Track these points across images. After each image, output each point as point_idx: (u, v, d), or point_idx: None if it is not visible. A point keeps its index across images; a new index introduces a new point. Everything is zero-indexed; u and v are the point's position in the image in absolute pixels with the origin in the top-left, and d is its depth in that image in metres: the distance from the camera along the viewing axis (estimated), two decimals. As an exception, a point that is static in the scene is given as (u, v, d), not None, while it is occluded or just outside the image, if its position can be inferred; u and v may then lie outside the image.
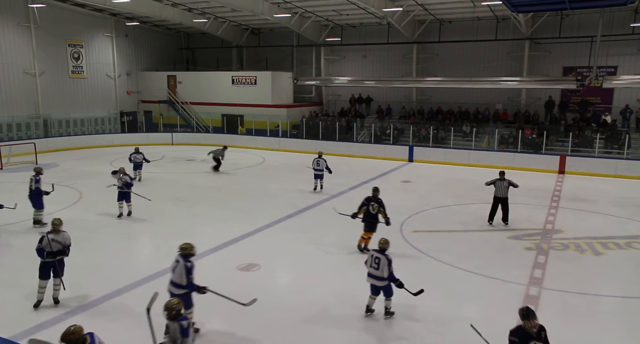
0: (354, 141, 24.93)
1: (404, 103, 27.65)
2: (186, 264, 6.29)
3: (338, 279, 8.67)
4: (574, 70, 22.98)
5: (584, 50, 22.11)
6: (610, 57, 21.96)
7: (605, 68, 22.09)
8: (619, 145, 20.54)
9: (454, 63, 26.01)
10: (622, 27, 21.70)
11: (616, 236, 11.04)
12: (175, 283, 6.35)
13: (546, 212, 13.40)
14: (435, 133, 23.53)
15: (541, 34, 24.03)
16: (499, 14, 23.72)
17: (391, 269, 7.00)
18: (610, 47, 21.38)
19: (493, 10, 23.04)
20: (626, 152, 19.95)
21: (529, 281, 8.53)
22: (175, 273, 6.36)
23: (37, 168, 11.78)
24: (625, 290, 8.33)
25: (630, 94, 22.78)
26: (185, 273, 6.26)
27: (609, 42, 20.96)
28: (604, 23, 19.40)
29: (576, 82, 21.40)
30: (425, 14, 24.90)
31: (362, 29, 28.46)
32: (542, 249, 10.30)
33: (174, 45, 33.33)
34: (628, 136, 20.23)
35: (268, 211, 12.98)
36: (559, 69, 24.03)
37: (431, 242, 10.66)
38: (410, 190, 16.45)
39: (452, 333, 6.80)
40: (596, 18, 19.70)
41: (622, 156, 19.92)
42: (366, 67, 28.92)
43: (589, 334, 6.86)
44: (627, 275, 9.01)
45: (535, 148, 21.29)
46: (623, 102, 22.80)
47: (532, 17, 23.40)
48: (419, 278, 8.75)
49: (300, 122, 26.99)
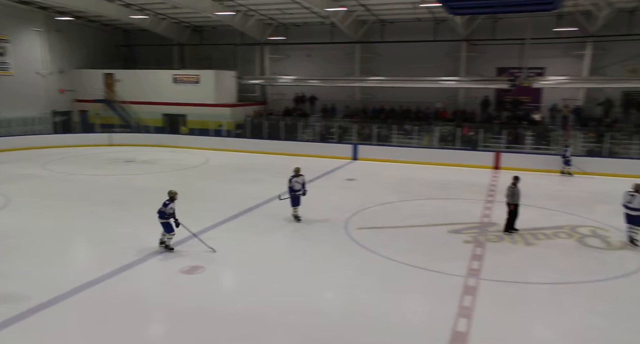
0: (298, 140, 25.02)
1: (348, 102, 28.04)
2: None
3: (285, 279, 8.68)
4: (506, 71, 24.20)
5: (516, 52, 23.31)
6: (538, 59, 23.29)
7: (534, 69, 23.42)
8: (548, 141, 21.85)
9: (396, 63, 26.66)
10: (548, 32, 23.10)
11: (545, 227, 11.75)
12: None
13: (483, 206, 14.04)
14: (378, 131, 24.06)
15: (477, 35, 25.13)
16: (438, 16, 24.56)
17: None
18: (539, 50, 22.68)
19: (432, 12, 23.82)
20: (553, 148, 21.26)
21: (467, 273, 8.92)
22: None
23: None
24: (553, 277, 8.89)
25: (557, 94, 24.30)
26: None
27: (537, 45, 22.22)
28: (532, 27, 20.62)
29: (508, 82, 22.59)
30: (367, 14, 25.36)
31: (306, 28, 28.57)
32: (479, 241, 10.79)
33: (111, 42, 31.97)
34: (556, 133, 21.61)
35: (213, 211, 12.77)
36: (494, 70, 25.23)
37: (375, 239, 10.89)
38: (354, 188, 16.71)
39: (392, 325, 7.00)
40: (526, 22, 20.90)
41: (550, 151, 21.19)
42: (310, 66, 29.06)
43: (523, 320, 7.27)
44: (554, 263, 9.61)
45: (473, 145, 22.25)
46: (551, 101, 24.31)
47: (468, 20, 24.42)
48: (364, 273, 8.96)
49: (244, 121, 26.76)
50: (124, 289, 8.07)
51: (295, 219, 11.97)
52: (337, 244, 10.58)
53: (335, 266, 9.33)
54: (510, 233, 11.28)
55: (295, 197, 11.93)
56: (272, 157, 23.03)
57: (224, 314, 7.24)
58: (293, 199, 11.96)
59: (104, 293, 7.87)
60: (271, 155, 23.47)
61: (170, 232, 9.72)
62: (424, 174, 19.20)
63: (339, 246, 10.47)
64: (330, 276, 8.88)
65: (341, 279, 8.77)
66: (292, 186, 11.90)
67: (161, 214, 9.64)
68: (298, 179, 11.90)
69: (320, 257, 9.82)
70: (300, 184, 11.90)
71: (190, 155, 23.37)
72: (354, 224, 11.98)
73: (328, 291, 8.34)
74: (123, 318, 7.07)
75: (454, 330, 6.79)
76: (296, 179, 11.88)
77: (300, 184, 11.91)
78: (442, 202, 14.60)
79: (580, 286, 8.50)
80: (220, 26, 29.14)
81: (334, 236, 11.07)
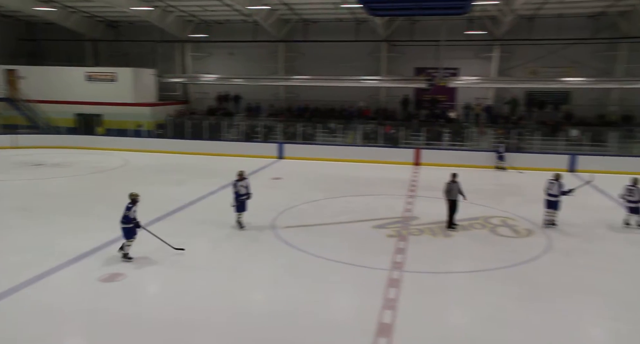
0: (223, 139, 24.60)
1: (273, 101, 27.97)
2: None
3: (212, 282, 8.52)
4: (424, 71, 25.35)
5: (432, 53, 24.47)
6: (453, 60, 24.63)
7: (449, 69, 24.74)
8: (462, 138, 23.19)
9: (320, 62, 26.99)
10: (461, 35, 24.51)
11: (461, 219, 12.47)
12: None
13: (405, 201, 14.63)
14: (303, 130, 24.26)
15: (396, 37, 26.10)
16: (359, 17, 25.18)
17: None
18: (452, 51, 23.98)
19: (353, 13, 24.38)
20: (468, 144, 22.62)
21: (391, 266, 9.27)
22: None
23: None
24: (469, 266, 9.49)
25: (470, 93, 25.86)
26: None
27: (451, 47, 23.49)
28: (446, 30, 21.81)
29: (426, 82, 23.71)
30: (290, 13, 25.44)
31: (229, 26, 28.10)
32: (402, 235, 11.25)
33: (13, 36, 29.46)
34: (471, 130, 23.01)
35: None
36: (412, 70, 26.33)
37: (303, 237, 10.99)
38: (281, 187, 16.74)
39: (320, 322, 7.12)
40: (440, 25, 22.05)
41: (465, 147, 22.52)
42: (234, 65, 28.63)
43: (444, 308, 7.69)
44: (470, 253, 10.27)
45: (394, 142, 23.09)
46: (465, 100, 25.82)
47: (388, 21, 25.28)
48: (291, 272, 9.02)
49: (165, 121, 25.84)
50: (38, 299, 7.52)
51: (239, 225, 11.42)
52: (265, 243, 10.56)
53: (263, 266, 9.30)
54: (452, 228, 11.73)
55: (242, 203, 11.38)
56: (196, 157, 22.44)
57: (149, 322, 6.97)
58: (239, 204, 11.38)
59: (15, 305, 7.28)
60: (194, 155, 22.87)
61: (130, 239, 9.35)
62: (348, 171, 19.64)
63: (267, 245, 10.46)
64: (258, 276, 8.85)
65: (269, 278, 8.76)
66: (237, 190, 11.30)
67: (126, 219, 9.27)
68: (243, 183, 11.37)
69: (248, 257, 9.75)
70: (245, 188, 11.40)
71: (108, 157, 22.16)
72: (281, 223, 12.00)
73: (256, 292, 8.31)
74: (38, 330, 6.58)
75: (379, 322, 7.03)
76: (241, 183, 11.35)
77: (245, 188, 11.41)
78: (367, 198, 15.02)
79: (493, 272, 9.14)
80: (138, 22, 27.85)
81: (261, 235, 11.03)
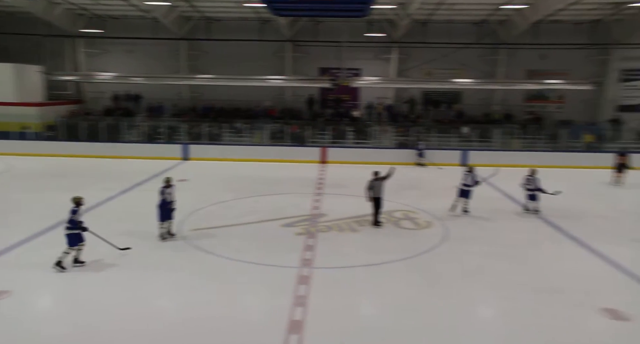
0: (123, 141, 23.28)
1: (176, 100, 27.01)
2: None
3: (116, 291, 8.05)
4: (328, 71, 25.96)
5: (336, 53, 25.11)
6: (355, 61, 25.53)
7: (352, 70, 25.59)
8: (366, 136, 24.10)
9: (224, 61, 26.55)
10: (362, 36, 25.46)
11: (367, 214, 12.91)
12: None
13: (312, 198, 14.90)
14: (209, 130, 23.72)
15: (301, 37, 26.42)
16: (263, 16, 25.11)
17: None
18: (354, 52, 24.84)
19: (257, 12, 24.26)
20: (371, 142, 23.57)
21: (301, 263, 9.41)
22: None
23: None
24: (376, 259, 9.90)
25: (372, 93, 26.96)
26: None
27: (353, 48, 24.32)
28: (348, 31, 22.55)
29: (330, 82, 24.31)
30: (192, 10, 24.71)
31: (126, 21, 26.60)
32: (310, 233, 11.45)
33: None
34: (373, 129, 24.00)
35: (19, 226, 11.17)
36: (317, 70, 26.84)
37: (211, 239, 10.77)
38: (187, 189, 16.16)
39: (232, 324, 7.06)
40: (342, 26, 22.72)
41: (368, 145, 23.43)
42: (133, 63, 27.18)
43: (353, 302, 7.97)
44: (376, 246, 10.75)
45: (301, 141, 23.40)
46: (367, 100, 26.87)
47: (292, 21, 25.50)
48: (200, 275, 8.81)
49: (56, 122, 23.87)
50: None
51: (167, 235, 10.60)
52: (172, 247, 10.20)
53: (170, 271, 8.98)
54: (378, 225, 12.00)
55: (168, 211, 10.56)
56: (93, 160, 20.98)
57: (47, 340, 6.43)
58: (164, 212, 10.51)
59: None
60: (91, 158, 21.36)
61: (75, 245, 8.92)
62: (256, 171, 19.55)
63: (174, 249, 10.11)
64: (165, 281, 8.53)
65: (177, 283, 8.48)
66: (164, 198, 10.56)
67: (72, 224, 8.83)
68: (170, 190, 10.66)
69: (154, 263, 9.36)
70: (171, 195, 10.68)
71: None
72: (188, 225, 11.66)
73: (164, 298, 8.01)
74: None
75: (290, 320, 7.12)
76: (168, 191, 10.63)
77: (170, 195, 10.66)
78: (275, 197, 15.07)
79: (397, 263, 9.64)
80: (19, 13, 25.34)
81: (167, 240, 10.63)
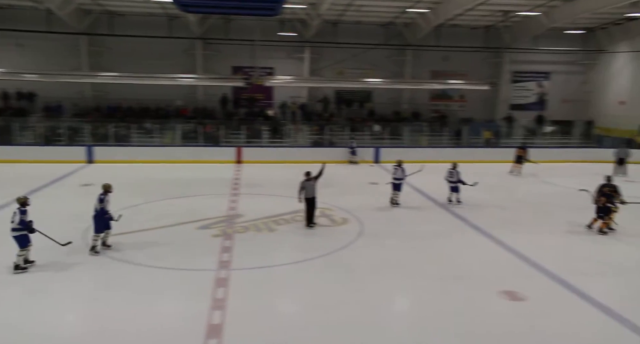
0: (15, 143, 21.34)
1: (77, 99, 25.23)
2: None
3: (14, 308, 7.39)
4: (241, 70, 25.67)
5: (248, 52, 24.91)
6: (268, 60, 25.49)
7: (265, 69, 25.52)
8: (281, 135, 24.22)
9: (130, 58, 25.27)
10: (274, 35, 25.50)
11: (284, 213, 13.05)
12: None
13: (229, 199, 14.69)
14: (116, 131, 22.46)
15: (211, 34, 25.84)
16: (171, 13, 24.22)
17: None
18: (267, 51, 24.82)
19: (165, 8, 23.34)
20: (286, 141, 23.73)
21: (218, 266, 9.25)
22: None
23: None
24: (294, 257, 10.02)
25: (286, 92, 27.09)
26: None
27: (266, 47, 24.27)
28: (260, 30, 22.46)
29: (244, 81, 24.07)
30: (92, 3, 23.21)
31: (14, 12, 24.32)
32: (227, 234, 11.28)
33: None
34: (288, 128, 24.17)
35: None
36: (229, 68, 26.42)
37: (122, 246, 10.21)
38: (92, 193, 15.04)
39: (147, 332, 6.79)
40: (254, 25, 22.57)
41: (283, 144, 23.55)
42: (24, 58, 24.95)
43: (271, 302, 7.97)
44: (294, 244, 10.87)
45: (215, 141, 22.94)
46: (281, 99, 26.96)
47: (202, 19, 24.84)
48: (111, 286, 8.35)
49: None
50: None
51: (95, 249, 9.78)
52: (79, 257, 9.53)
53: (78, 283, 8.39)
54: (311, 226, 11.90)
55: (106, 220, 9.88)
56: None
57: None
58: (103, 222, 9.81)
59: None
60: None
61: (25, 246, 8.71)
62: (169, 173, 18.86)
63: (82, 260, 9.45)
64: (72, 294, 7.95)
65: (86, 296, 7.96)
66: (103, 206, 9.70)
67: (22, 225, 8.54)
68: (108, 198, 9.86)
69: (60, 276, 8.67)
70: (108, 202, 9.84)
71: None
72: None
73: (71, 313, 7.46)
74: None
75: (209, 324, 6.98)
76: (107, 198, 9.84)
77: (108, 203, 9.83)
78: (190, 199, 14.65)
79: (315, 260, 9.79)
80: None
81: (72, 249, 9.91)
